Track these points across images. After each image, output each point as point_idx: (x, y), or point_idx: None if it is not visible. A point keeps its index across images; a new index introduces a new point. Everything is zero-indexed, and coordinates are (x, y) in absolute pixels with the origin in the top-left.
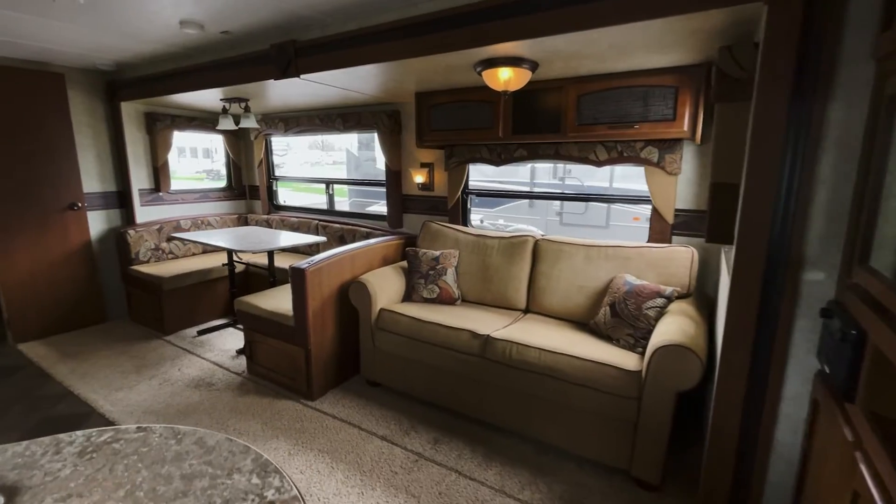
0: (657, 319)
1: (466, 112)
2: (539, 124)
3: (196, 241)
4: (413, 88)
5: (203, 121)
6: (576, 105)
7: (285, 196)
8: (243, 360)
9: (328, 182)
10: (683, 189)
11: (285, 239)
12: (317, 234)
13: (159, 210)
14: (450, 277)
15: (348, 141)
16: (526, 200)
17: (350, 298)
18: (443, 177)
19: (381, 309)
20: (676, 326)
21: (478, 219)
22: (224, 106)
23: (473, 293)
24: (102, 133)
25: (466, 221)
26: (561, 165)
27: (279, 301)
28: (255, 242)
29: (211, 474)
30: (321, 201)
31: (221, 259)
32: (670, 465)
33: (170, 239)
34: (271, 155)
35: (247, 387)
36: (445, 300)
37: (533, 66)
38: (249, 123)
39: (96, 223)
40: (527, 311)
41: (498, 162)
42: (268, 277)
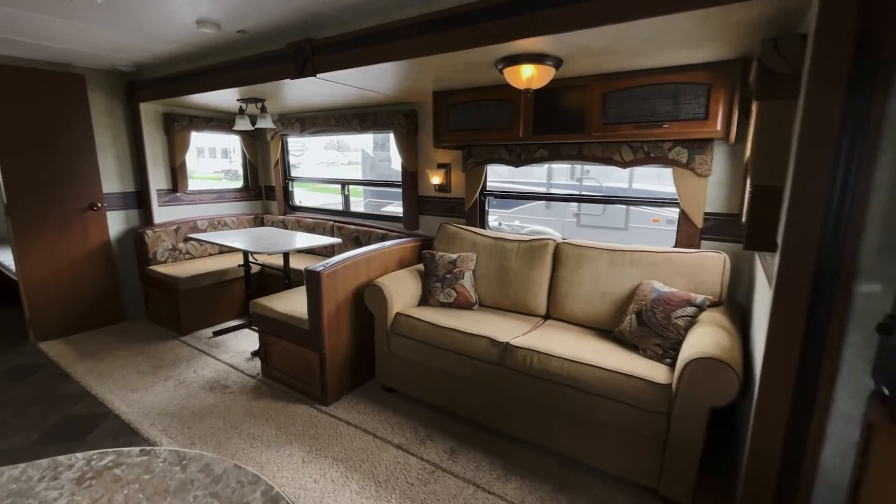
0: (687, 329)
1: (485, 111)
2: (561, 124)
3: (212, 242)
4: (431, 87)
5: (220, 121)
6: (601, 104)
7: (301, 195)
8: (258, 363)
9: (344, 183)
10: (713, 191)
11: (301, 240)
12: (332, 236)
13: (177, 210)
14: (467, 281)
15: (363, 141)
16: (542, 201)
17: (365, 302)
18: (460, 178)
19: (397, 313)
20: (709, 338)
21: (495, 221)
22: (241, 106)
23: (491, 298)
24: (122, 134)
25: (484, 224)
26: (578, 166)
27: (294, 304)
28: (271, 244)
29: None
30: (336, 201)
31: (237, 260)
32: (700, 484)
33: (187, 239)
34: (287, 155)
35: (261, 390)
36: (462, 305)
37: (557, 63)
38: (266, 124)
39: (115, 223)
40: (547, 318)
41: (518, 163)
42: (283, 279)
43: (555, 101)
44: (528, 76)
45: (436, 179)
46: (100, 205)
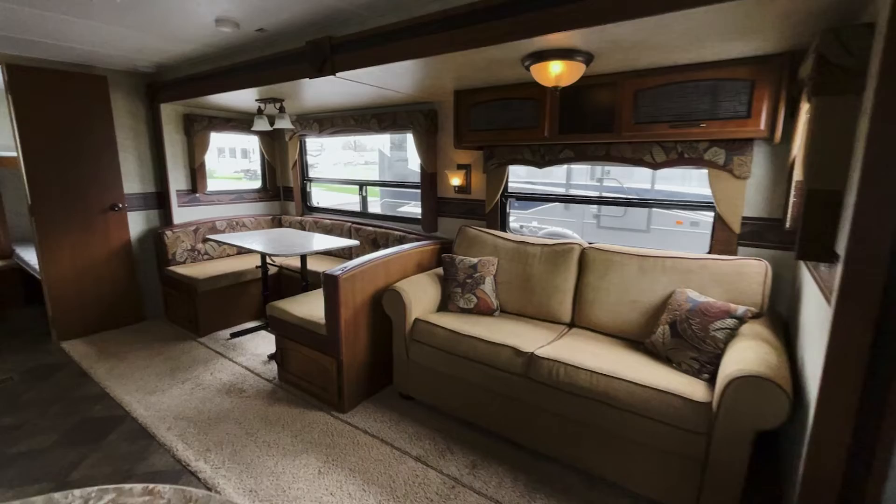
0: (727, 343)
1: (509, 111)
2: (589, 123)
3: (230, 244)
4: (452, 86)
5: (239, 122)
6: (632, 102)
7: (317, 194)
8: (275, 366)
9: (362, 184)
10: (752, 194)
11: (318, 242)
12: (349, 238)
13: (196, 211)
14: (488, 287)
15: (380, 141)
16: (561, 202)
17: (384, 307)
18: (480, 179)
19: (416, 319)
20: (754, 353)
21: (514, 222)
22: (259, 107)
23: (513, 304)
24: (143, 134)
25: (505, 227)
26: (598, 166)
27: (311, 307)
28: (288, 246)
29: None
30: (353, 200)
31: (255, 261)
32: None
33: (205, 240)
34: (305, 156)
35: (277, 395)
36: (483, 311)
37: (587, 59)
38: (284, 124)
39: (136, 224)
40: (572, 326)
41: (541, 164)
42: (300, 281)
43: (582, 100)
44: (557, 73)
45: (455, 181)
46: (121, 205)
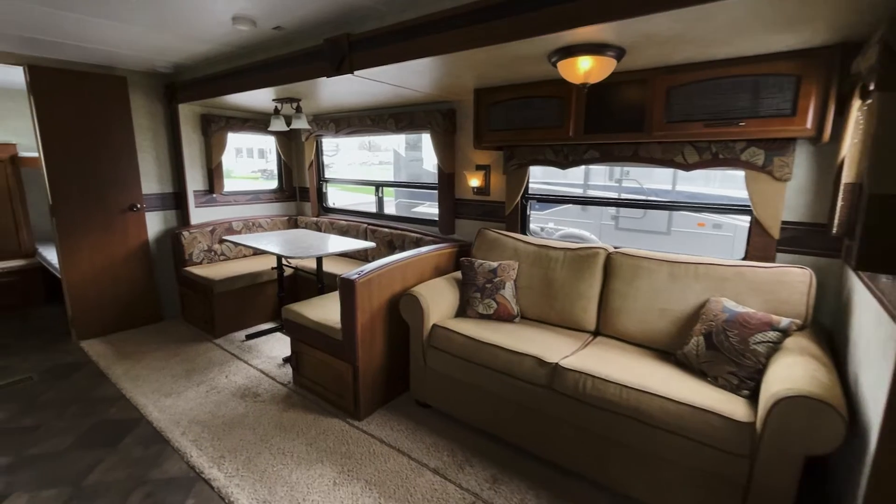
0: (769, 357)
1: (532, 109)
2: (617, 122)
3: (246, 245)
4: (472, 84)
5: (256, 122)
6: (664, 99)
7: (332, 193)
8: (289, 369)
9: (378, 185)
10: (793, 197)
11: (334, 244)
12: (365, 239)
13: (213, 211)
14: (508, 292)
15: (395, 141)
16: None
17: (401, 312)
18: (500, 180)
19: (434, 325)
20: (802, 371)
21: (534, 225)
22: (276, 107)
23: (534, 310)
24: (161, 135)
25: (526, 229)
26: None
27: (327, 311)
28: (305, 247)
29: None
30: (367, 200)
31: (271, 262)
32: None
33: (221, 241)
34: (322, 156)
35: (292, 399)
36: (503, 317)
37: (619, 55)
38: (301, 124)
39: (154, 224)
40: (597, 334)
41: (565, 164)
42: (316, 283)
43: (609, 98)
44: (586, 69)
45: (474, 182)
46: (139, 206)
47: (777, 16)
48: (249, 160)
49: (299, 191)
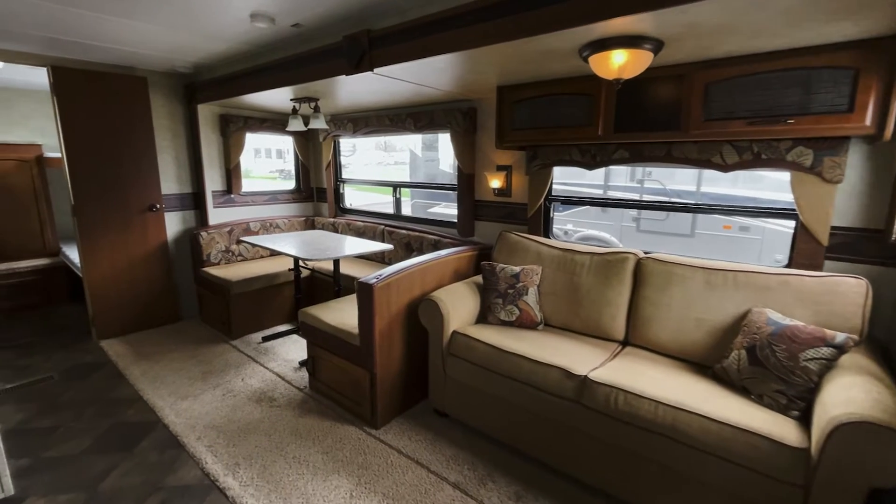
0: (821, 376)
1: (558, 107)
2: (650, 120)
3: (263, 247)
4: (495, 82)
5: (274, 122)
6: (702, 96)
7: (348, 193)
8: (305, 373)
9: (396, 185)
10: (844, 201)
11: (351, 246)
12: (382, 241)
13: (231, 212)
14: (531, 298)
15: (411, 142)
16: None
17: (420, 318)
18: (522, 181)
19: (454, 331)
20: (863, 393)
21: (560, 228)
22: (294, 106)
23: (558, 317)
24: (180, 135)
25: (549, 232)
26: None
27: (344, 315)
28: (322, 249)
29: None
30: (383, 200)
31: (288, 263)
32: None
33: (239, 241)
34: (339, 156)
35: (308, 405)
36: (526, 324)
37: (656, 48)
38: (319, 124)
39: (172, 224)
40: (625, 344)
41: (592, 165)
42: (333, 286)
43: (642, 95)
44: (621, 64)
45: (495, 183)
46: (159, 206)
47: (837, 3)
48: (268, 160)
49: (316, 191)
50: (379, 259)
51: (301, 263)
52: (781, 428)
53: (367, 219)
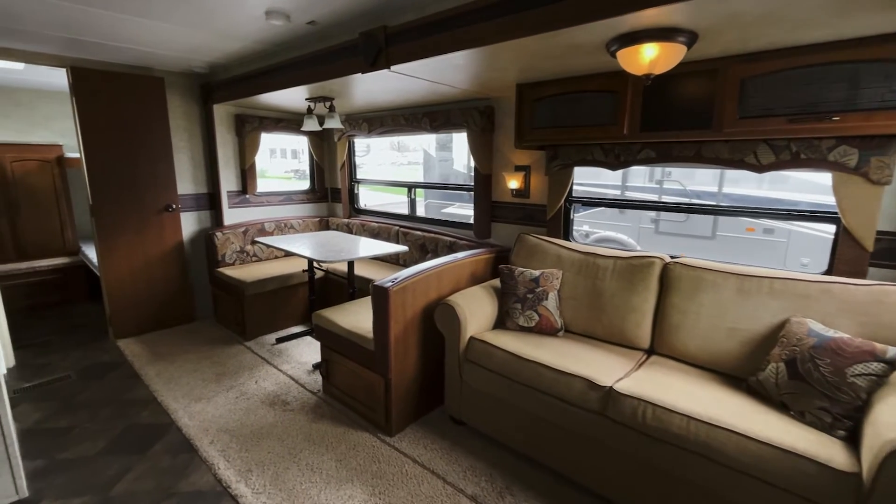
0: (871, 393)
1: (581, 105)
2: (679, 119)
3: (277, 248)
4: (514, 79)
5: (289, 122)
6: (738, 92)
7: (363, 194)
8: (319, 376)
9: (411, 186)
10: (891, 204)
11: (365, 248)
12: (397, 242)
13: (245, 212)
14: (551, 303)
15: (425, 142)
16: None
17: (436, 322)
18: (541, 182)
19: (471, 337)
20: None
21: (578, 230)
22: (309, 106)
23: (580, 324)
24: (196, 136)
25: (569, 235)
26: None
27: (359, 318)
28: (336, 251)
29: None
30: (396, 200)
31: (302, 264)
32: None
33: (254, 242)
34: (354, 156)
35: (321, 410)
36: (545, 330)
37: (690, 41)
38: (334, 124)
39: (188, 224)
40: (651, 353)
41: (615, 165)
42: (347, 288)
43: (670, 91)
44: (651, 58)
45: (513, 183)
46: (175, 206)
47: None
48: (283, 160)
49: (331, 192)
50: (393, 260)
51: (315, 264)
52: (827, 449)
53: (382, 220)
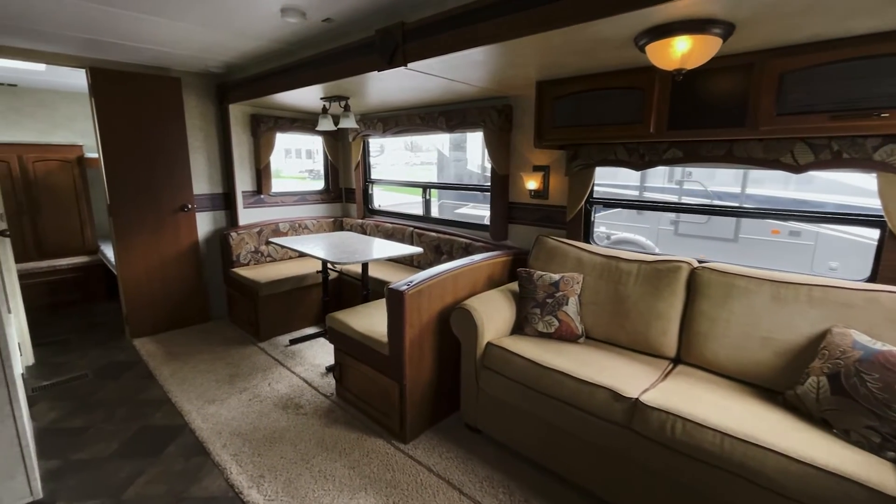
0: None
1: (605, 103)
2: (710, 116)
3: (291, 249)
4: (535, 76)
5: (304, 122)
6: (775, 87)
7: (376, 194)
8: (332, 379)
9: (426, 186)
10: None
11: (379, 249)
12: (412, 243)
13: (260, 212)
14: (572, 308)
15: (438, 142)
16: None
17: (452, 327)
18: (561, 182)
19: (489, 343)
20: None
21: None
22: (324, 105)
23: (601, 330)
24: (212, 136)
25: (589, 237)
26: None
27: (373, 321)
28: (350, 252)
29: None
30: (409, 200)
31: (316, 265)
32: None
33: (268, 243)
34: (368, 156)
35: (335, 414)
36: (565, 336)
37: (726, 32)
38: (349, 123)
39: (203, 224)
40: (677, 362)
41: (640, 165)
42: (361, 290)
43: (701, 87)
44: (684, 52)
45: (531, 184)
46: (190, 206)
47: None
48: (298, 160)
49: (345, 192)
50: (407, 262)
51: (329, 266)
52: (878, 473)
53: (396, 220)
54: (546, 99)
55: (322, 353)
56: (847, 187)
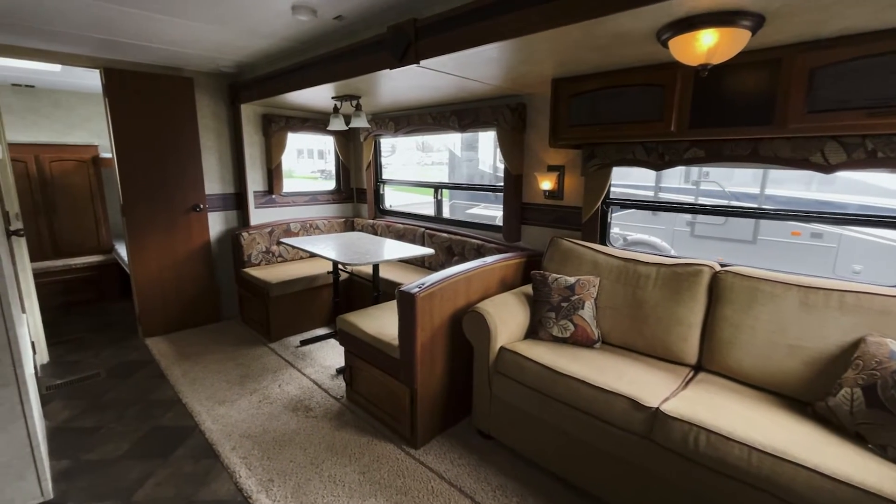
0: None
1: (623, 100)
2: (735, 114)
3: (302, 249)
4: (550, 74)
5: (316, 122)
6: (806, 83)
7: (387, 193)
8: (342, 381)
9: (438, 186)
10: None
11: (390, 250)
12: (423, 244)
13: (271, 212)
14: (588, 313)
15: (449, 142)
16: (663, 207)
17: (464, 331)
18: (576, 183)
19: (502, 347)
20: None
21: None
22: (336, 105)
23: (618, 335)
24: (224, 136)
25: (606, 239)
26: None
27: (383, 323)
28: (361, 253)
29: None
30: (422, 200)
31: (327, 265)
32: None
33: (279, 243)
34: (380, 156)
35: (345, 417)
36: (581, 341)
37: (755, 25)
38: (360, 123)
39: (215, 224)
40: (698, 369)
41: (659, 165)
42: (372, 291)
43: (725, 84)
44: (710, 46)
45: (546, 184)
46: (202, 206)
47: None
48: (309, 160)
49: (356, 192)
50: (419, 263)
51: (340, 266)
52: None
53: (407, 221)
54: (562, 96)
55: (332, 355)
56: (871, 188)
